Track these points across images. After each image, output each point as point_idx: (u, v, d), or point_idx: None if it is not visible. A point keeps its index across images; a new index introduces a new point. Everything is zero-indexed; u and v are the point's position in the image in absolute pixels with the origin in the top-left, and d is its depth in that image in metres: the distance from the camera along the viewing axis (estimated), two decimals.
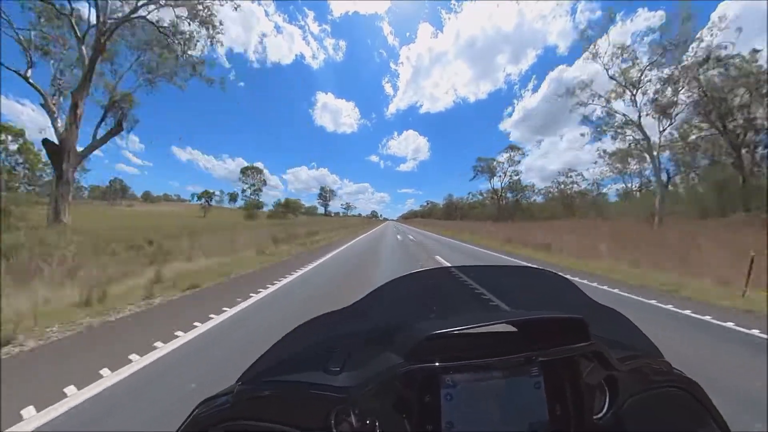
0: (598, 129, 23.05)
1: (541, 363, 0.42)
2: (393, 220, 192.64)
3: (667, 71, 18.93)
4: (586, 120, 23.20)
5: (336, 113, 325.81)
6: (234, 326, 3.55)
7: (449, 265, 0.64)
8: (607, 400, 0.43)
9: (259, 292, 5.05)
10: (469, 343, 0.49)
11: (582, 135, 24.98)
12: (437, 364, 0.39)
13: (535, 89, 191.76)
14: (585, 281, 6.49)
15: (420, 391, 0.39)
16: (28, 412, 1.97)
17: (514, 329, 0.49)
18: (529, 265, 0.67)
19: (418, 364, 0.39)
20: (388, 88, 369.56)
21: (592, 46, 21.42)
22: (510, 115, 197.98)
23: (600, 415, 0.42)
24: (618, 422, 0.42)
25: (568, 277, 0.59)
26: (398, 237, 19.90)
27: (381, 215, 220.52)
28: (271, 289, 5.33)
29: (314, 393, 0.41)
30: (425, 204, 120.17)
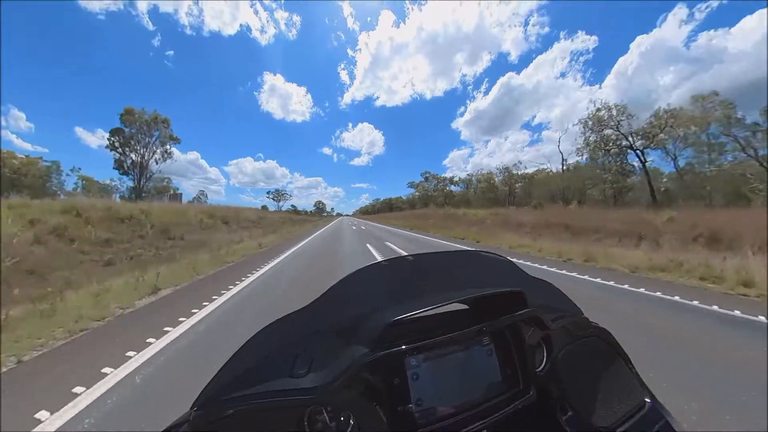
0: None
1: (491, 332, 0.48)
2: (348, 215, 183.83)
3: None
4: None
5: (286, 98, 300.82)
6: None
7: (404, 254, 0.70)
8: (545, 354, 0.51)
9: None
10: (428, 324, 0.52)
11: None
12: (403, 347, 0.42)
13: (486, 92, 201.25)
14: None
15: (388, 376, 0.42)
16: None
17: (466, 307, 0.54)
18: (477, 249, 0.74)
19: (383, 351, 0.41)
20: (344, 76, 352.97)
21: None
22: (462, 114, 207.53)
23: (540, 367, 0.50)
24: (554, 370, 0.50)
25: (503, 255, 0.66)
26: None
27: (333, 210, 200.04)
28: None
29: (282, 400, 0.40)
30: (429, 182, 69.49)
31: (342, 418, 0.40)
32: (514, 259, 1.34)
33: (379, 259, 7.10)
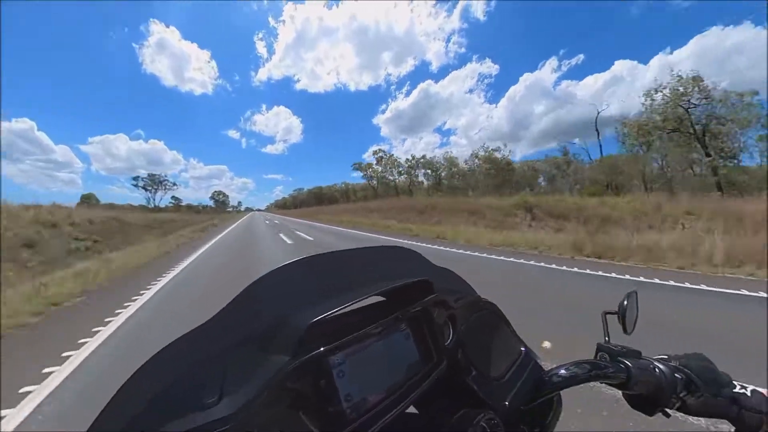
0: None
1: (407, 319, 0.53)
2: (261, 210, 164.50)
3: None
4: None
5: (181, 61, 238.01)
6: None
7: (316, 253, 0.58)
8: (451, 330, 0.59)
9: None
10: (349, 319, 0.52)
11: None
12: (322, 349, 0.41)
13: (407, 94, 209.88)
14: None
15: (314, 379, 0.40)
16: None
17: (384, 298, 0.58)
18: (389, 243, 0.60)
19: (305, 356, 0.40)
20: (261, 48, 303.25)
21: None
22: (383, 112, 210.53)
23: (448, 342, 0.57)
24: (459, 341, 0.58)
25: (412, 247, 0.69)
26: None
27: (241, 204, 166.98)
28: None
29: None
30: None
31: None
32: None
33: None
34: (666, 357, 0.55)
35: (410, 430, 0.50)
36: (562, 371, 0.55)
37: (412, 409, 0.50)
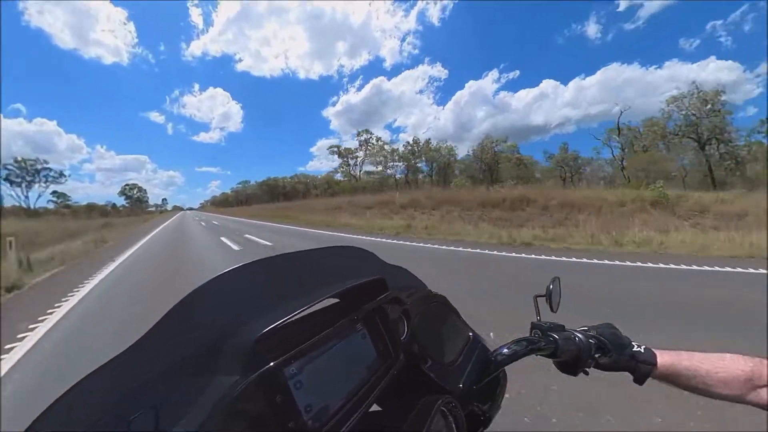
0: None
1: (362, 318, 0.54)
2: (194, 209, 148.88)
3: None
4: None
5: (85, 17, 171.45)
6: None
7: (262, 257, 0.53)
8: (406, 325, 0.61)
9: None
10: (302, 325, 0.51)
11: None
12: (272, 364, 0.38)
13: (359, 88, 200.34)
14: None
15: (269, 395, 0.37)
16: None
17: (337, 300, 0.58)
18: (339, 244, 0.76)
19: (254, 373, 0.37)
20: (195, 16, 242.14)
21: None
22: (334, 104, 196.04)
23: (403, 336, 0.59)
24: (413, 334, 0.60)
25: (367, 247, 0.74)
26: None
27: (166, 202, 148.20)
28: None
29: None
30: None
31: None
32: None
33: None
34: (585, 328, 0.67)
35: (375, 429, 0.49)
36: (505, 350, 0.62)
37: (375, 407, 0.50)
